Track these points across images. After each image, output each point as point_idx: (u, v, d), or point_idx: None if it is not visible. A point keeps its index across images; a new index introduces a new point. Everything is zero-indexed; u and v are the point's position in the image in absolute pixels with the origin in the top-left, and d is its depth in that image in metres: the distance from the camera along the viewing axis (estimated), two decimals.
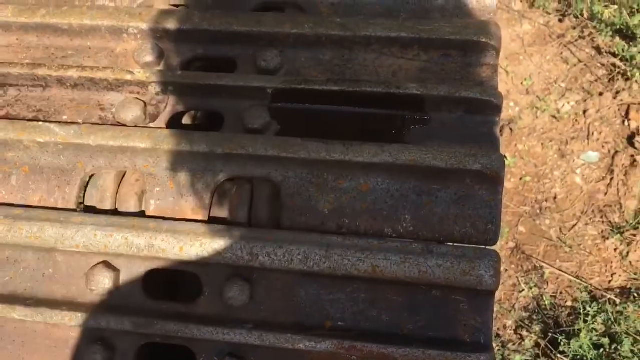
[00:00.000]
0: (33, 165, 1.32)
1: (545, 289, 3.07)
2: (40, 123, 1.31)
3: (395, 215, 1.23)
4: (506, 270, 3.13)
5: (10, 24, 1.45)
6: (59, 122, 1.32)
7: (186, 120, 1.73)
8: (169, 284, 1.47)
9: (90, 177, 1.35)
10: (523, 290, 3.08)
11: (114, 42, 1.45)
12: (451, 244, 1.20)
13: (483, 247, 1.19)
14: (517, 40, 3.81)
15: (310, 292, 1.23)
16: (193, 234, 1.22)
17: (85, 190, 1.33)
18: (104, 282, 1.25)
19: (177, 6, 1.52)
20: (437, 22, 1.36)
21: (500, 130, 3.48)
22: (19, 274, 1.30)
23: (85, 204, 1.36)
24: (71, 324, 1.25)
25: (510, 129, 3.53)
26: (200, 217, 1.28)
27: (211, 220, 1.29)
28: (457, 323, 1.20)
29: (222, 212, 1.32)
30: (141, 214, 1.30)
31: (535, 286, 3.07)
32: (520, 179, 3.40)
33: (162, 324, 1.23)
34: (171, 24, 1.39)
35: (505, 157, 3.03)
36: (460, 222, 1.22)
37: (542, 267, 3.12)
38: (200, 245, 1.21)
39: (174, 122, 1.37)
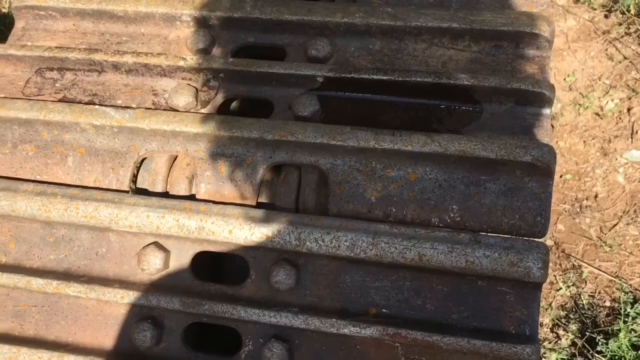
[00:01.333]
0: (89, 147, 1.36)
1: (583, 288, 3.03)
2: (97, 106, 1.34)
3: (443, 205, 1.23)
4: None
5: (67, 9, 1.49)
6: (114, 106, 1.36)
7: (235, 107, 1.76)
8: (215, 266, 1.50)
9: (143, 160, 1.39)
10: (560, 288, 3.04)
11: (167, 29, 1.48)
12: (499, 235, 1.20)
13: (531, 239, 1.19)
14: (560, 36, 3.76)
15: (356, 279, 1.24)
16: (242, 217, 1.24)
17: (137, 173, 1.36)
18: (154, 262, 1.28)
19: None
20: (489, 13, 1.36)
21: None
22: (74, 252, 1.34)
23: (138, 186, 1.39)
24: (122, 301, 1.28)
25: (552, 126, 3.48)
26: (248, 202, 1.30)
27: (259, 205, 1.31)
28: (502, 314, 1.20)
29: (270, 198, 1.34)
30: (191, 197, 1.33)
31: (573, 285, 3.03)
32: (561, 176, 3.35)
33: (210, 305, 1.25)
34: (223, 12, 1.42)
35: None
36: (508, 213, 1.21)
37: (580, 266, 3.08)
38: (249, 229, 1.23)
39: (224, 109, 1.40)
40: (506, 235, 1.20)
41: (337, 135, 1.25)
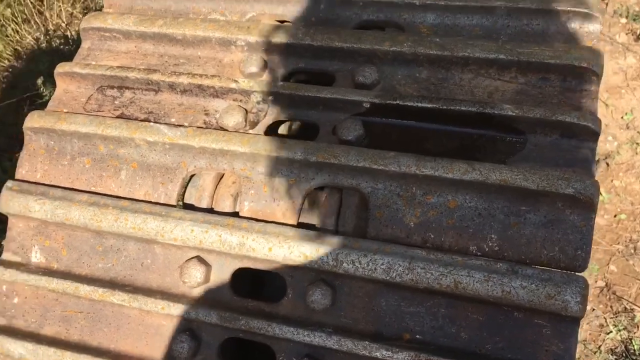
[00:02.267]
0: (141, 162, 1.42)
1: (635, 332, 2.92)
2: (151, 124, 1.41)
3: (481, 234, 1.23)
4: (593, 309, 3.00)
5: (130, 32, 1.57)
6: (167, 124, 1.42)
7: (281, 130, 1.80)
8: (255, 282, 1.53)
9: (191, 176, 1.44)
10: (611, 332, 2.94)
11: (222, 53, 1.54)
12: (537, 266, 1.19)
13: (571, 272, 1.17)
14: (619, 73, 3.69)
15: (391, 303, 1.25)
16: (282, 236, 1.27)
17: (185, 189, 1.41)
18: (196, 275, 1.32)
19: (282, 22, 1.59)
20: (537, 46, 1.36)
21: (596, 163, 3.37)
22: (121, 262, 1.40)
23: (185, 201, 1.44)
24: (163, 312, 1.33)
25: (607, 164, 3.41)
26: (290, 221, 1.33)
27: (300, 225, 1.34)
28: (538, 347, 1.19)
29: (311, 218, 1.37)
30: (235, 214, 1.37)
31: (624, 329, 2.93)
32: (615, 216, 3.26)
33: (247, 320, 1.28)
34: (276, 38, 1.47)
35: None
36: (548, 245, 1.20)
37: (632, 310, 2.97)
38: (289, 247, 1.26)
39: (271, 130, 1.44)
40: (545, 267, 1.19)
41: (379, 159, 1.27)
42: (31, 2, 3.90)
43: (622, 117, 3.53)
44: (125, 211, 1.36)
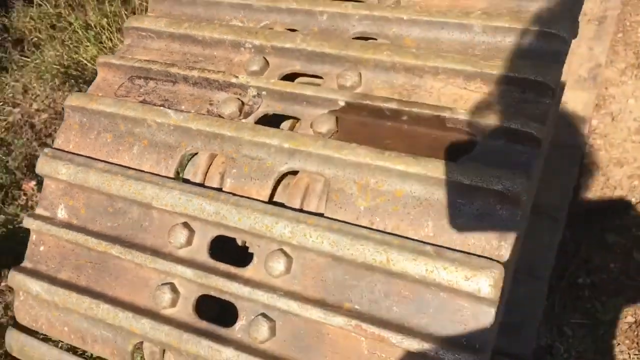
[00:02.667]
0: (151, 139, 1.67)
1: None
2: (161, 108, 1.66)
3: (419, 221, 1.38)
4: (618, 344, 2.96)
5: (162, 32, 1.84)
6: (176, 110, 1.66)
7: (284, 125, 2.00)
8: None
9: (192, 155, 1.67)
10: None
11: (233, 53, 1.77)
12: (463, 251, 1.32)
13: (489, 258, 1.29)
14: None
15: (337, 275, 1.41)
16: (251, 209, 1.47)
17: (181, 164, 1.65)
18: (180, 238, 1.55)
19: (291, 29, 1.81)
20: (502, 60, 1.49)
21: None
22: (125, 222, 1.64)
23: (184, 177, 1.68)
24: (151, 266, 1.56)
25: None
26: (262, 198, 1.53)
27: (272, 203, 1.53)
28: (457, 326, 1.31)
29: (281, 197, 1.56)
30: (219, 189, 1.58)
31: None
32: None
33: (216, 280, 1.49)
34: (277, 42, 1.69)
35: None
36: (476, 235, 1.33)
37: None
38: (254, 218, 1.46)
39: (262, 121, 1.65)
40: (468, 253, 1.31)
41: (340, 149, 1.45)
42: (125, 14, 4.36)
43: None
44: (130, 178, 1.60)
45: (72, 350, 2.29)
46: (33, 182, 4.12)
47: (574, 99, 3.63)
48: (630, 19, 4.21)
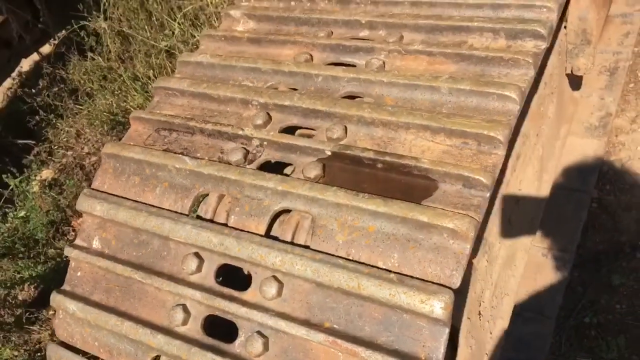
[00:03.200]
0: (171, 182, 1.98)
1: None
2: (180, 155, 1.97)
3: (387, 252, 1.63)
4: None
5: (184, 90, 2.18)
6: (192, 157, 1.97)
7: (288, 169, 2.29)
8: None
9: (204, 196, 1.97)
10: None
11: (242, 109, 2.08)
12: (422, 279, 1.56)
13: (442, 285, 1.53)
14: None
15: (320, 299, 1.67)
16: (249, 241, 1.75)
17: (196, 203, 1.94)
18: (191, 265, 1.83)
19: (293, 89, 2.11)
20: (463, 117, 1.75)
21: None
22: (147, 252, 1.94)
23: (198, 214, 1.97)
24: (168, 289, 1.84)
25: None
26: (260, 232, 1.80)
27: (268, 236, 1.80)
28: (417, 343, 1.54)
29: (276, 231, 1.83)
30: (225, 225, 1.87)
31: None
32: None
33: (221, 302, 1.76)
34: (278, 100, 1.99)
35: None
36: (433, 265, 1.57)
37: None
38: (252, 249, 1.73)
39: (265, 167, 1.94)
40: (425, 280, 1.55)
41: (324, 191, 1.72)
42: (170, 66, 4.79)
43: None
44: (152, 215, 1.91)
45: None
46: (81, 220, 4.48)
47: (585, 146, 3.83)
48: None
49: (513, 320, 3.24)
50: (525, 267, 3.24)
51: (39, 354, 3.99)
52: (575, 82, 3.56)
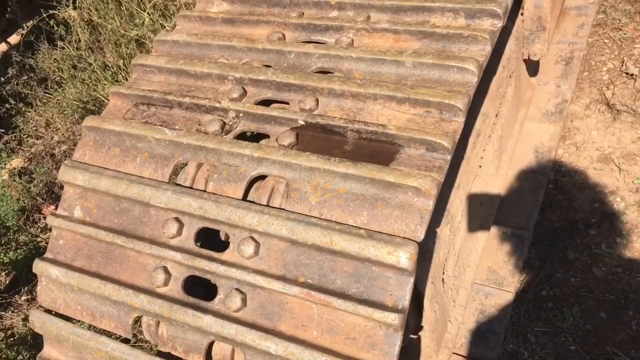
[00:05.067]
0: (150, 152, 2.08)
1: None
2: (158, 126, 2.07)
3: (358, 211, 1.76)
4: (578, 349, 3.27)
5: (162, 67, 2.27)
6: (171, 128, 2.07)
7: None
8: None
9: (183, 165, 2.07)
10: None
11: (218, 85, 2.19)
12: (389, 234, 1.69)
13: (408, 238, 1.66)
14: (637, 142, 4.00)
15: (294, 256, 1.78)
16: (227, 204, 1.86)
17: (174, 172, 2.04)
18: (172, 229, 1.93)
19: (266, 65, 2.22)
20: (426, 89, 1.89)
21: (600, 223, 3.68)
22: (129, 219, 2.03)
23: (177, 182, 2.07)
24: (149, 252, 1.94)
25: (612, 222, 3.70)
26: (237, 197, 1.91)
27: (243, 199, 1.92)
28: (385, 292, 1.67)
29: (252, 196, 1.95)
30: (203, 191, 1.97)
31: None
32: (612, 269, 3.53)
33: (200, 262, 1.86)
34: (253, 75, 2.10)
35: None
36: (399, 221, 1.70)
37: (614, 354, 3.21)
38: (229, 211, 1.84)
39: (241, 137, 2.05)
40: (393, 234, 1.68)
41: (297, 157, 1.84)
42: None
43: (632, 182, 3.82)
44: (133, 183, 2.00)
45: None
46: (52, 207, 4.53)
47: (542, 131, 4.03)
48: (595, 59, 4.62)
49: (475, 293, 3.42)
50: (485, 244, 3.42)
51: (11, 339, 4.02)
52: (532, 68, 3.75)
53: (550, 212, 3.88)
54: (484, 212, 3.21)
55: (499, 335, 3.39)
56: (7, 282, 4.35)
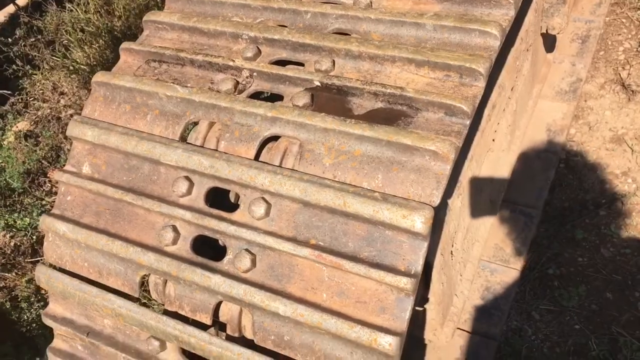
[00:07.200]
0: (162, 109, 2.04)
1: (617, 355, 3.13)
2: (170, 83, 2.02)
3: (372, 174, 1.72)
4: (582, 329, 3.25)
5: (174, 24, 2.22)
6: (183, 86, 2.03)
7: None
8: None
9: (194, 124, 2.03)
10: (594, 350, 3.17)
11: (232, 43, 2.14)
12: (404, 197, 1.66)
13: (423, 202, 1.63)
14: None
15: (306, 218, 1.75)
16: (238, 164, 1.82)
17: (186, 129, 2.01)
18: (182, 188, 1.90)
19: (281, 25, 2.17)
20: (445, 52, 1.84)
21: (610, 204, 3.65)
22: (138, 176, 2.00)
23: (188, 141, 2.03)
24: (158, 210, 1.91)
25: (622, 203, 3.66)
26: (249, 157, 1.88)
27: (255, 159, 1.88)
28: (398, 256, 1.64)
29: (264, 157, 1.91)
30: (215, 150, 1.93)
31: (606, 350, 3.16)
32: (620, 250, 3.50)
33: (209, 220, 1.83)
34: (268, 34, 2.05)
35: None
36: (414, 185, 1.67)
37: (619, 334, 3.20)
38: (241, 171, 1.80)
39: (254, 97, 2.00)
40: (407, 198, 1.65)
41: (312, 117, 1.80)
42: None
43: None
44: (143, 139, 1.97)
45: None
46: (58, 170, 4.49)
47: (555, 110, 3.97)
48: (612, 38, 4.54)
49: (481, 270, 3.39)
50: (494, 220, 3.39)
51: (14, 300, 4.03)
52: (549, 44, 3.68)
53: (560, 191, 3.83)
54: (495, 188, 3.17)
55: (503, 312, 3.37)
56: (12, 243, 4.34)
